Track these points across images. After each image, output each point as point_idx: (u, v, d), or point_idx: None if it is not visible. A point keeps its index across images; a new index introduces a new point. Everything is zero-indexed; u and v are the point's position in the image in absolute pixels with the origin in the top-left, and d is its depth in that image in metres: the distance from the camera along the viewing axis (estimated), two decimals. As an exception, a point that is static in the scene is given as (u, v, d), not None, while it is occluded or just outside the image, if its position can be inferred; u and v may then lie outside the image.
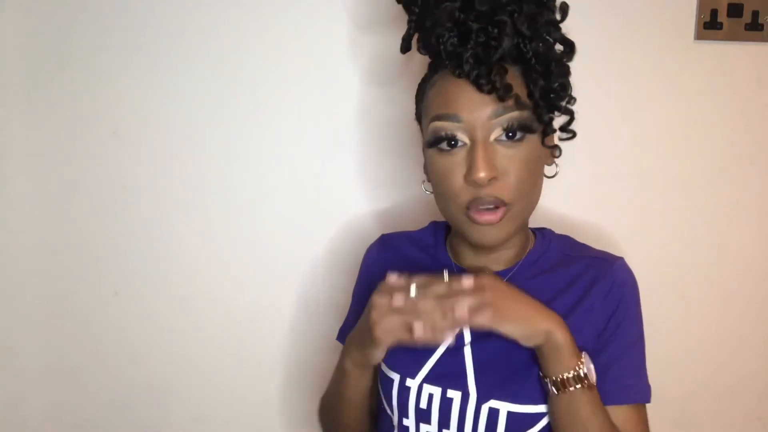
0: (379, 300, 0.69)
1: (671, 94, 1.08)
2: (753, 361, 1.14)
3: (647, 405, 0.76)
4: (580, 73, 0.89)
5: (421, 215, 1.08)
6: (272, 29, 1.09)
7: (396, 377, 0.77)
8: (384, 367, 0.79)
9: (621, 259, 0.78)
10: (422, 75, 0.79)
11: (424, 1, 0.73)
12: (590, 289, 0.75)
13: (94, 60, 1.11)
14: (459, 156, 0.70)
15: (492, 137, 0.69)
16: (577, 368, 0.68)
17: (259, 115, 1.12)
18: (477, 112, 0.68)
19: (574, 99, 0.73)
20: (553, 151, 0.74)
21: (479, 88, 0.67)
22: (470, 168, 0.68)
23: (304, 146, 1.12)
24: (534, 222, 0.88)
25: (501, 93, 0.66)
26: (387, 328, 0.68)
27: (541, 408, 0.72)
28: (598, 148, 1.10)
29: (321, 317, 1.16)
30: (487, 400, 0.72)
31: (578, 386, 0.68)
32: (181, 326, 1.17)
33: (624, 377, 0.74)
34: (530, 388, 0.72)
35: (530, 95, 0.69)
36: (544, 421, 0.72)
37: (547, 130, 0.71)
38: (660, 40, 1.07)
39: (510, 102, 0.68)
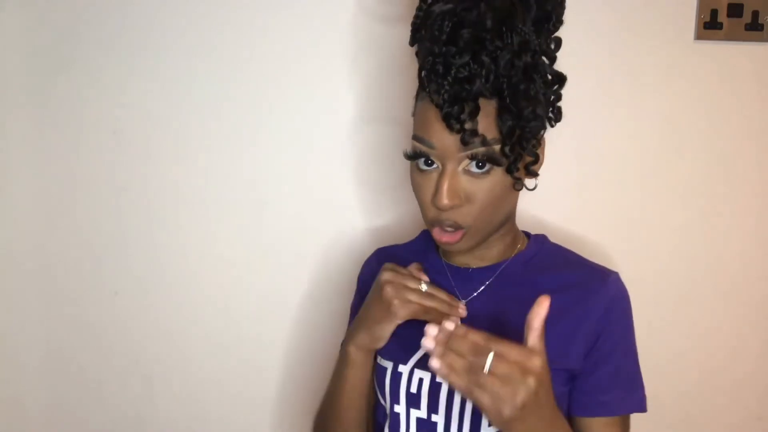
0: (391, 277, 0.78)
1: (671, 94, 1.08)
2: (752, 361, 1.14)
3: (648, 413, 0.79)
4: (579, 73, 0.89)
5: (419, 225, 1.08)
6: (276, 34, 1.09)
7: (389, 365, 0.81)
8: (378, 358, 0.83)
9: (616, 273, 0.80)
10: None
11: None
12: (585, 296, 0.77)
13: (94, 60, 1.11)
14: (432, 176, 0.74)
15: (460, 167, 0.72)
16: None
17: (261, 117, 1.12)
18: (447, 143, 0.71)
19: (539, 143, 0.76)
20: (516, 184, 0.74)
21: (449, 127, 0.70)
22: (435, 194, 0.73)
23: (305, 150, 1.12)
24: (530, 226, 0.89)
25: (465, 137, 0.69)
26: (403, 302, 0.76)
27: None
28: (597, 148, 1.10)
29: (319, 321, 1.16)
30: None
31: None
32: (180, 326, 1.17)
33: (619, 390, 0.77)
34: None
35: (500, 131, 0.71)
36: None
37: (510, 168, 0.72)
38: (660, 40, 1.07)
39: (479, 140, 0.70)
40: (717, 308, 1.13)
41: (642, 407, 0.79)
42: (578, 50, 1.05)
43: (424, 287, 0.78)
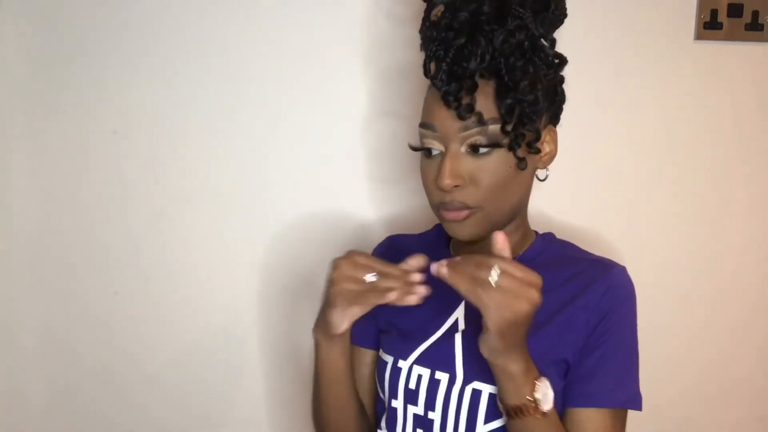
0: (339, 264, 0.74)
1: (671, 94, 1.08)
2: (752, 361, 1.14)
3: (647, 414, 0.77)
4: (579, 73, 0.89)
5: (431, 222, 1.08)
6: (279, 31, 1.09)
7: (390, 359, 0.81)
8: (381, 352, 0.84)
9: (622, 266, 0.80)
10: None
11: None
12: (587, 287, 0.77)
13: (94, 60, 1.11)
14: (436, 160, 0.76)
15: (462, 148, 0.74)
16: (527, 398, 0.68)
17: (264, 116, 1.12)
18: (449, 125, 0.74)
19: (538, 119, 0.76)
20: (519, 164, 0.75)
21: (446, 104, 0.73)
22: (438, 175, 0.74)
23: (310, 148, 1.12)
24: (531, 225, 0.89)
25: (461, 112, 0.72)
26: (339, 292, 0.72)
27: None
28: (598, 148, 1.10)
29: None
30: (471, 382, 0.75)
31: (529, 415, 0.68)
32: (181, 326, 1.17)
33: (608, 381, 0.75)
34: None
35: (499, 111, 0.73)
36: None
37: (512, 145, 0.73)
38: (660, 40, 1.07)
39: (476, 117, 0.72)
40: (716, 308, 1.13)
41: (633, 404, 0.76)
42: (578, 49, 1.05)
43: (368, 278, 0.72)
